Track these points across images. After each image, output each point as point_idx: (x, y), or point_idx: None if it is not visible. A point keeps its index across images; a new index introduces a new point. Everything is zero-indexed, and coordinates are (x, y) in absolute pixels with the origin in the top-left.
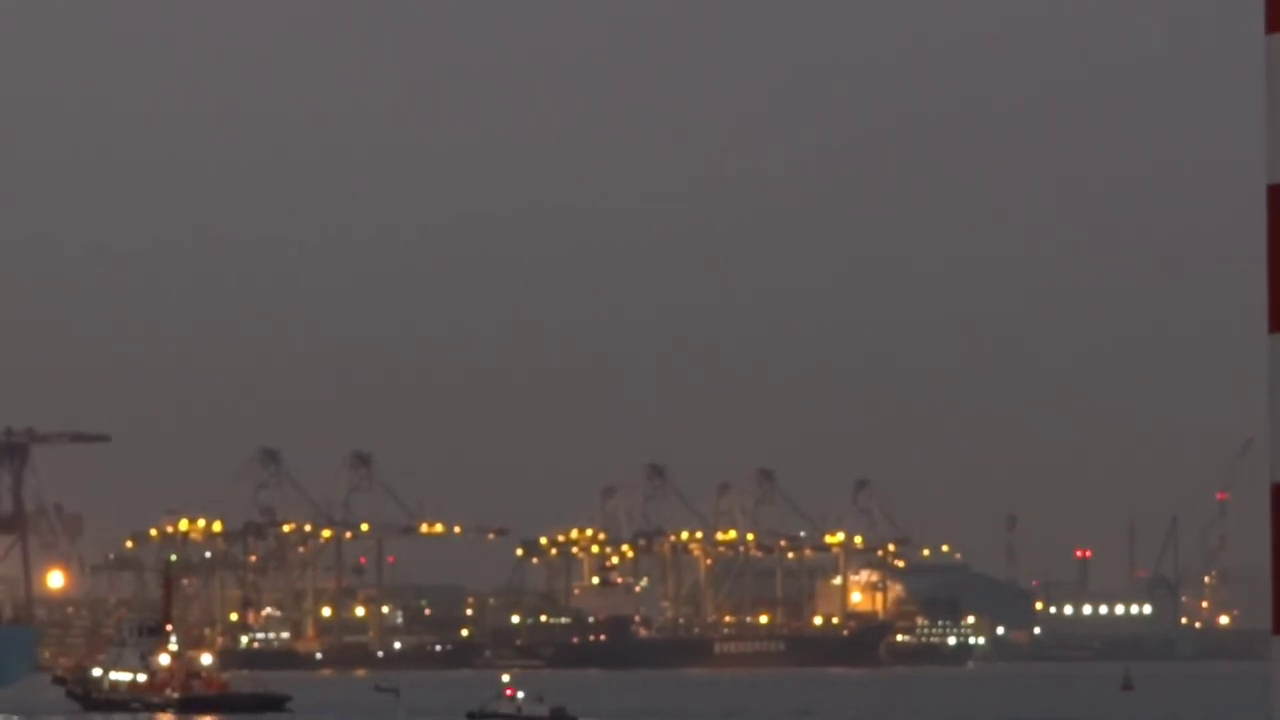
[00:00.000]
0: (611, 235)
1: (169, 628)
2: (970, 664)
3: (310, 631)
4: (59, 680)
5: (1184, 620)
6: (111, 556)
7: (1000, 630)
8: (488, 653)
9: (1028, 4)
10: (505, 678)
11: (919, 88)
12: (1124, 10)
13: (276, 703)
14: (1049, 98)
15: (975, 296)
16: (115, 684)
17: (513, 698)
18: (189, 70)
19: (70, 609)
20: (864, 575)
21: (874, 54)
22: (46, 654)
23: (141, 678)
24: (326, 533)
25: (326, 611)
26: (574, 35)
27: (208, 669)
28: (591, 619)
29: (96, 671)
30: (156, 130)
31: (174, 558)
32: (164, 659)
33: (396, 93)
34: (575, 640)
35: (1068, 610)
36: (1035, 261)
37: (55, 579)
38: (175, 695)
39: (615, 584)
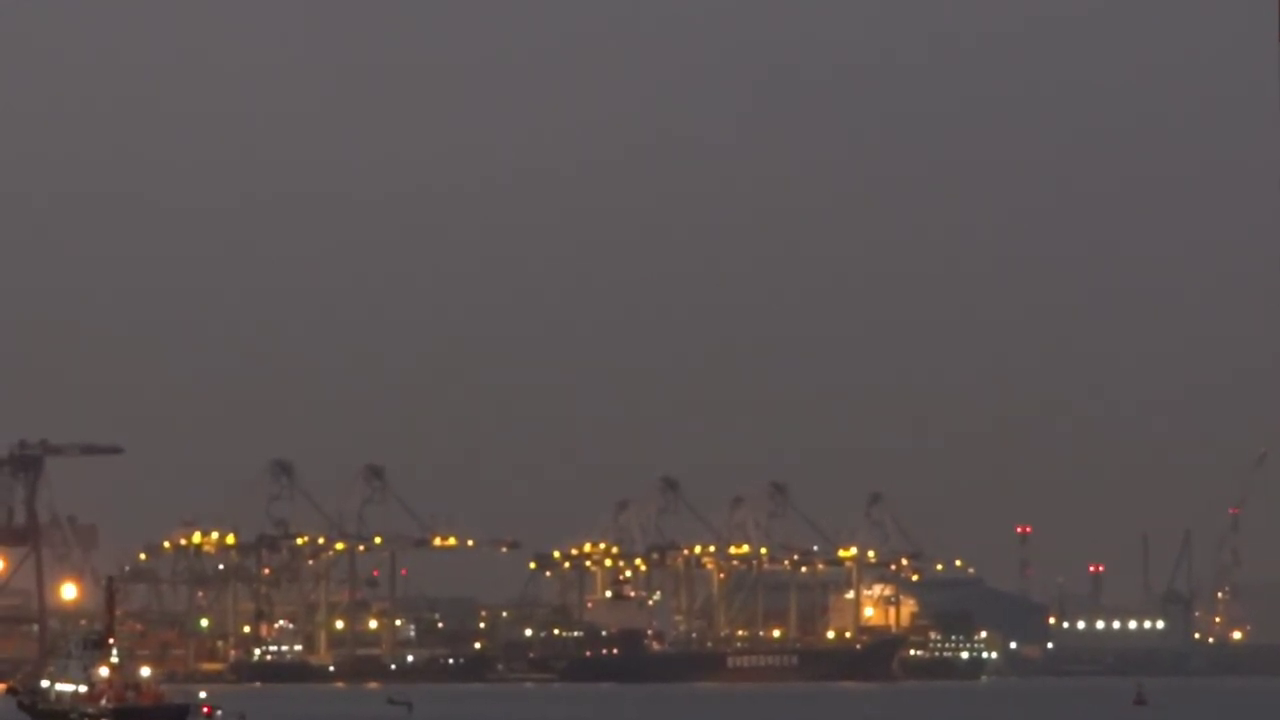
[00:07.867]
0: (624, 244)
1: (111, 641)
2: (983, 678)
3: (323, 644)
4: (11, 691)
5: (1197, 635)
6: (126, 569)
7: (1013, 645)
8: (500, 666)
9: None
10: (202, 694)
11: (934, 87)
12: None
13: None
14: (1062, 91)
15: (990, 309)
16: (60, 695)
17: (210, 715)
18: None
19: (83, 621)
20: (877, 589)
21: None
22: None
23: (83, 689)
24: (340, 545)
25: (339, 624)
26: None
27: (145, 681)
28: (604, 632)
29: (45, 683)
30: (163, 136)
31: (185, 562)
32: (104, 671)
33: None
34: (588, 654)
35: (1081, 625)
36: (1049, 274)
37: (69, 591)
38: (109, 706)
39: (628, 597)
